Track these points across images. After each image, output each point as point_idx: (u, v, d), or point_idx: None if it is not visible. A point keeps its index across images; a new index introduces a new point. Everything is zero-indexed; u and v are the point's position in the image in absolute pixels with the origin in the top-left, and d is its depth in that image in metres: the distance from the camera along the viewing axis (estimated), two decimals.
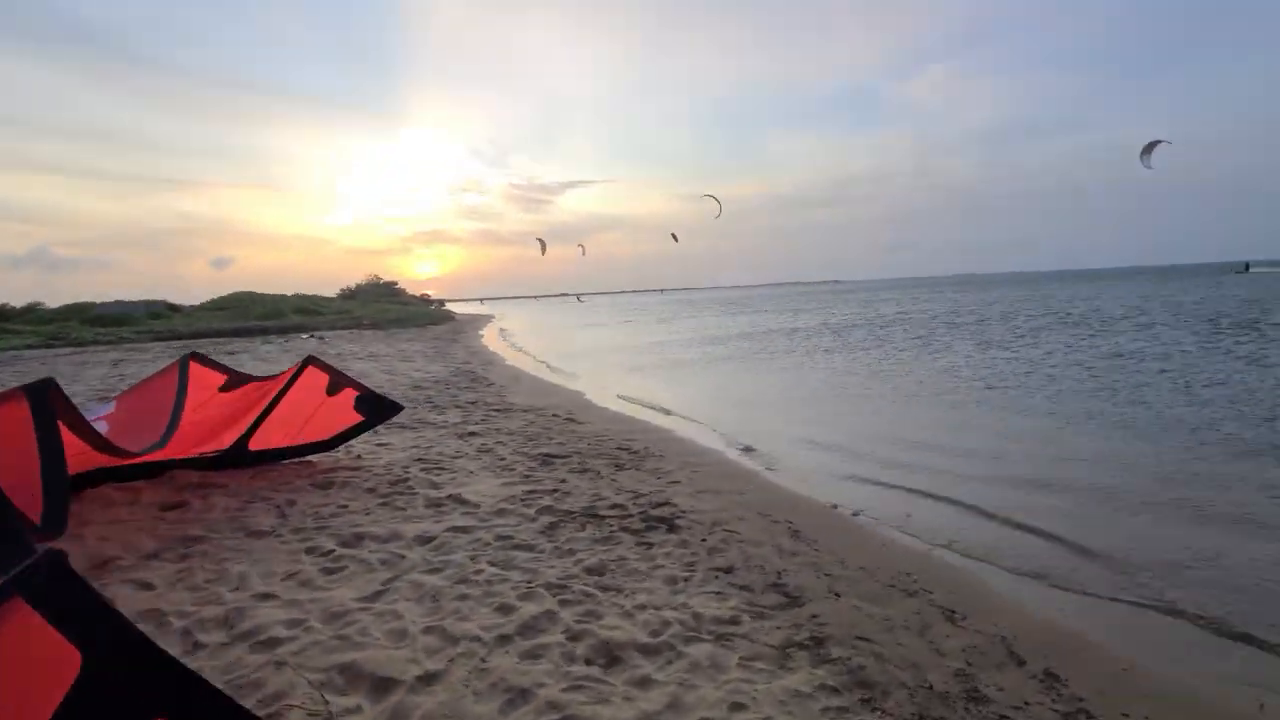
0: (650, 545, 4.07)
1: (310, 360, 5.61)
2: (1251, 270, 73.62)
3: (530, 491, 5.11)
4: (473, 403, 9.48)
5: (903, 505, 5.09)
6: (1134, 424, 7.44)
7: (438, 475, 5.53)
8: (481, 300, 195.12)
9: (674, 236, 43.33)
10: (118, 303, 36.00)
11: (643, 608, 3.19)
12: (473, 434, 7.27)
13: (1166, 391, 9.11)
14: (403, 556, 3.74)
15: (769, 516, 4.69)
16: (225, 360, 15.27)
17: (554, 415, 8.60)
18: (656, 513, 4.66)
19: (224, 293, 41.98)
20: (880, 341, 18.53)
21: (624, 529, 4.34)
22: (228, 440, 5.55)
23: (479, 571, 3.56)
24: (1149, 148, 22.91)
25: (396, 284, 62.88)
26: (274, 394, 5.50)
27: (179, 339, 24.16)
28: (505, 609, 3.12)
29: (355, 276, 60.94)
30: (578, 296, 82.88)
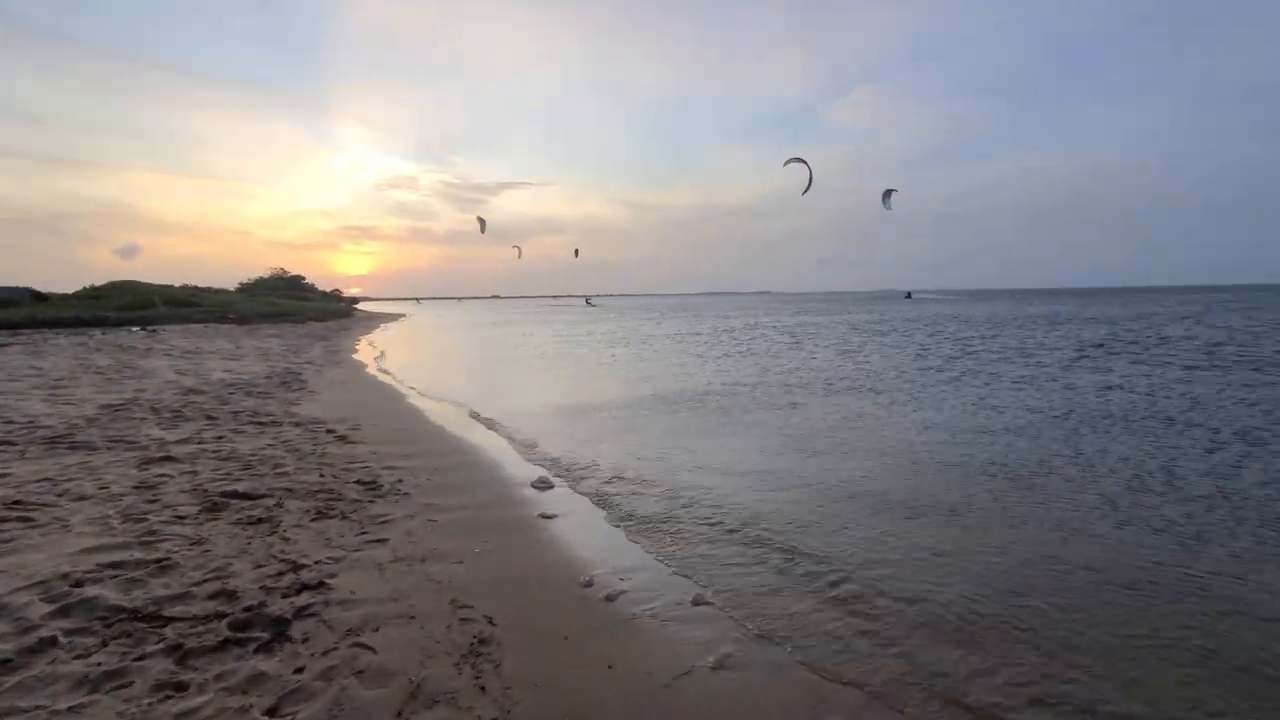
0: (183, 689, 2.27)
1: None
2: (913, 296, 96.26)
3: (110, 564, 3.21)
4: (239, 412, 7.40)
5: (697, 579, 3.48)
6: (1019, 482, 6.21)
7: None
8: (419, 300, 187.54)
9: (576, 252, 46.36)
10: None
11: None
12: (164, 459, 5.25)
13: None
14: None
15: (466, 608, 2.97)
16: None
17: (329, 431, 6.66)
18: (277, 608, 2.87)
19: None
20: (796, 346, 17.35)
21: (175, 647, 2.52)
22: None
23: None
24: (886, 194, 26.85)
25: (305, 279, 58.41)
26: None
27: None
28: None
29: (270, 270, 56.16)
30: (586, 299, 76.28)
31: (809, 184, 22.52)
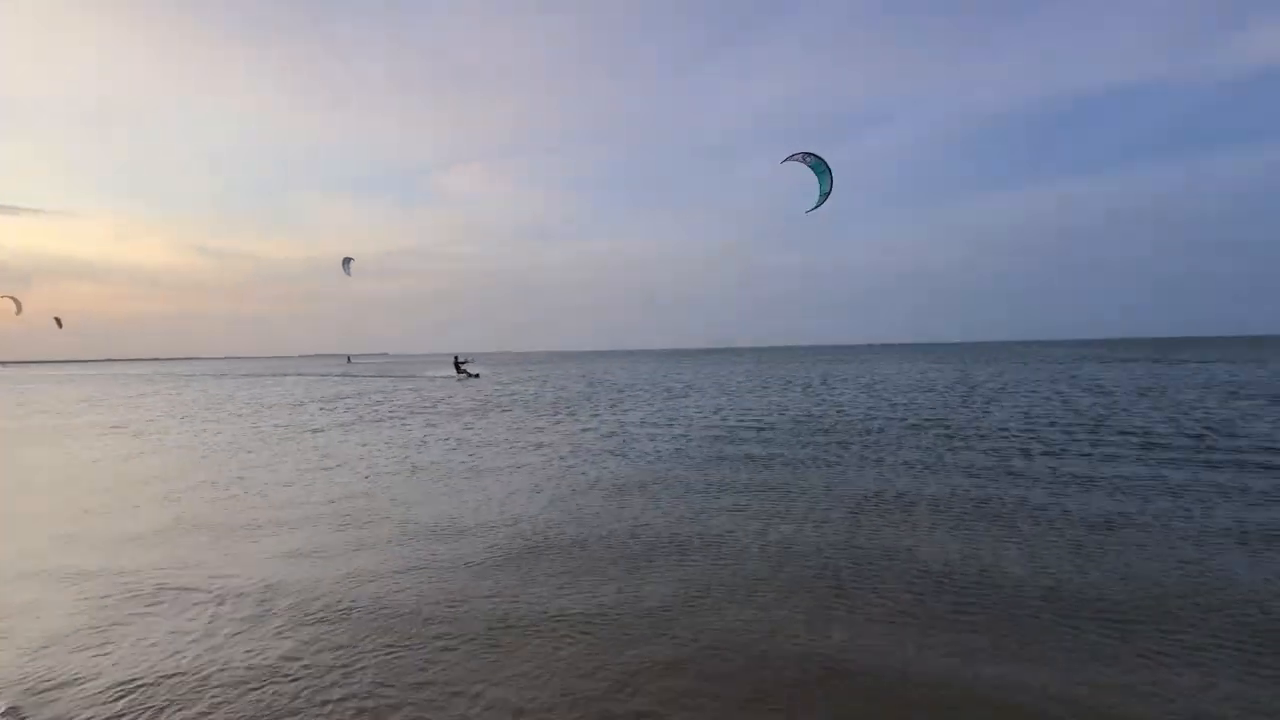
0: None
1: None
2: (352, 360, 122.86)
3: None
4: None
5: None
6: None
7: None
8: None
9: (58, 322, 40.91)
10: None
11: None
12: None
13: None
14: None
15: None
16: None
17: None
18: None
19: None
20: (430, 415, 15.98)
21: None
22: None
23: None
24: (346, 261, 30.98)
25: None
26: None
27: None
28: None
29: None
30: (456, 364, 47.44)
31: (821, 197, 12.77)
